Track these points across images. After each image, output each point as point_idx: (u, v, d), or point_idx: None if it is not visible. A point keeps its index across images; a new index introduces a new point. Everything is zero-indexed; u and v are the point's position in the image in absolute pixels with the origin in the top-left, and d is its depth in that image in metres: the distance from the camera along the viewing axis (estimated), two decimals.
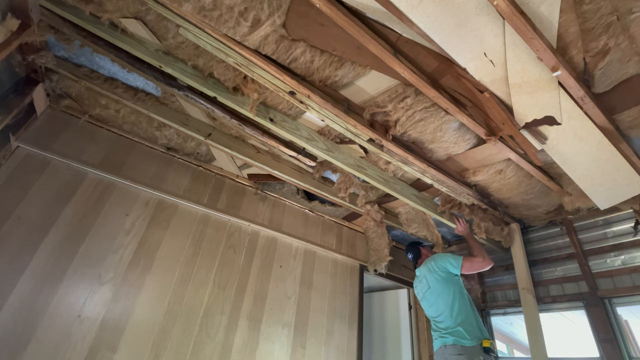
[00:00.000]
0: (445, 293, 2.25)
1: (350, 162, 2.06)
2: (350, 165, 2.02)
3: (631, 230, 2.42)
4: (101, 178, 2.19)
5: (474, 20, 1.32)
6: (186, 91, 1.92)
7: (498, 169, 2.34)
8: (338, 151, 2.05)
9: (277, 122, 1.89)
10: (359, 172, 2.02)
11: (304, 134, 1.94)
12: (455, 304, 2.19)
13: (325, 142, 1.97)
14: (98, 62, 1.93)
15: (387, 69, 1.66)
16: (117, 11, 1.58)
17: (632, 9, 1.28)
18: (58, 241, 1.92)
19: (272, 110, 1.91)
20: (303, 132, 1.94)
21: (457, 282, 2.31)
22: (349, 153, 2.04)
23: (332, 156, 1.98)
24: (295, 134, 1.90)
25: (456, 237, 3.61)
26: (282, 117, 1.94)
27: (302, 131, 1.94)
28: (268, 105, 1.93)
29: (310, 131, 1.98)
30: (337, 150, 2.05)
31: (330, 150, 1.99)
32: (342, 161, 2.03)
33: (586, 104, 1.59)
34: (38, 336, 1.71)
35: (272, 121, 1.86)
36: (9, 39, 1.47)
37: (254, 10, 1.46)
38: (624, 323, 2.33)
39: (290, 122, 1.95)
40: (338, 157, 2.00)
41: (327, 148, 1.95)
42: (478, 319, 2.19)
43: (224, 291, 2.36)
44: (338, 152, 2.05)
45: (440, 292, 2.27)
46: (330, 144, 2.02)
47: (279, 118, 1.92)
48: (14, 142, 1.97)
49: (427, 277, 2.39)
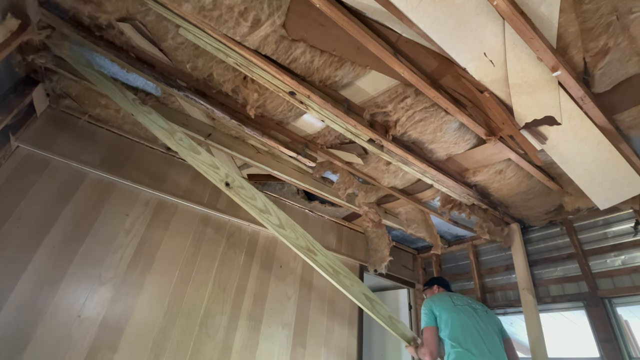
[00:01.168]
0: (497, 337, 2.10)
1: (301, 243, 1.74)
2: (300, 247, 1.71)
3: (631, 230, 2.42)
4: (101, 178, 2.19)
5: (474, 20, 1.32)
6: (186, 92, 1.92)
7: (498, 169, 2.34)
8: (292, 229, 1.75)
9: (233, 187, 1.70)
10: (307, 256, 1.70)
11: (259, 204, 1.70)
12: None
13: (279, 217, 1.71)
14: (98, 62, 1.93)
15: (387, 69, 1.66)
16: (116, 12, 1.58)
17: (632, 8, 1.28)
18: (58, 241, 1.92)
19: (230, 175, 1.72)
20: (259, 202, 1.71)
21: None
22: (303, 233, 1.76)
23: (282, 233, 1.70)
24: (249, 203, 1.68)
25: (456, 237, 3.61)
26: (239, 183, 1.72)
27: (257, 201, 1.71)
28: (225, 176, 1.72)
29: (267, 202, 1.73)
30: (291, 228, 1.76)
31: (282, 227, 1.71)
32: (291, 241, 1.73)
33: (586, 104, 1.59)
34: (38, 336, 1.71)
35: (227, 186, 1.69)
36: (9, 39, 1.47)
37: (253, 10, 1.46)
38: (624, 323, 2.33)
39: (247, 189, 1.72)
40: (288, 236, 1.71)
41: (280, 224, 1.70)
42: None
43: (224, 291, 2.36)
44: (291, 230, 1.75)
45: (494, 332, 2.12)
46: (286, 220, 1.74)
47: (236, 184, 1.71)
48: (14, 142, 1.97)
49: (479, 307, 2.24)
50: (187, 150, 1.70)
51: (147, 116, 1.72)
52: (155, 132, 1.71)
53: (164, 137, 1.70)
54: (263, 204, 1.71)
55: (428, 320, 2.17)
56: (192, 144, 1.73)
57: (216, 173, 1.70)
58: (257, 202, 1.70)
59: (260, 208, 1.70)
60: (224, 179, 1.69)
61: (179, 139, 1.71)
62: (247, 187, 1.71)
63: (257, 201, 1.70)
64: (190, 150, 1.71)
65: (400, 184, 2.68)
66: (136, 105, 1.74)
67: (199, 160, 1.69)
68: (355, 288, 1.87)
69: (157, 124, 1.73)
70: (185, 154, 1.69)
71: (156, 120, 1.73)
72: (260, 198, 1.70)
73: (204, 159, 1.71)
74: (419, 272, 3.86)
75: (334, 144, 2.36)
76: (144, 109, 1.73)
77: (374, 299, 1.90)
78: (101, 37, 1.72)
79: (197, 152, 1.71)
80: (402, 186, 2.72)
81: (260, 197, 1.71)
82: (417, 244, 3.93)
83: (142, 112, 1.72)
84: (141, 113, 1.72)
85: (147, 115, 1.72)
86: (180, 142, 1.71)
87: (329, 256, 1.80)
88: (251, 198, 1.70)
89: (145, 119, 1.71)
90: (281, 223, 1.72)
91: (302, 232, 1.72)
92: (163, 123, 1.74)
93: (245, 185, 1.71)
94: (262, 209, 1.70)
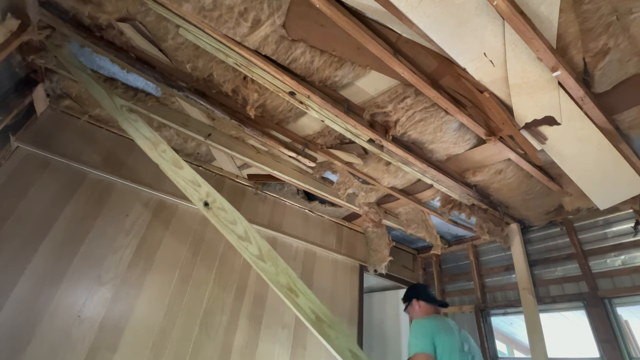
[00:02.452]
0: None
1: (282, 281, 1.49)
2: (279, 285, 1.47)
3: (631, 230, 2.42)
4: (101, 178, 2.19)
5: (474, 21, 1.32)
6: (186, 92, 1.92)
7: (498, 169, 2.34)
8: (273, 262, 1.53)
9: (212, 208, 1.56)
10: (287, 296, 1.46)
11: (239, 229, 1.52)
12: None
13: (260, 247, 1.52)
14: (98, 62, 1.93)
15: (387, 69, 1.66)
16: (116, 12, 1.58)
17: (631, 9, 1.28)
18: (58, 241, 1.92)
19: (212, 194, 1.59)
20: (239, 227, 1.52)
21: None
22: (285, 269, 1.53)
23: (261, 266, 1.49)
24: (228, 228, 1.51)
25: (455, 237, 3.61)
26: (220, 205, 1.56)
27: (238, 226, 1.52)
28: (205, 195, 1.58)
29: (249, 229, 1.54)
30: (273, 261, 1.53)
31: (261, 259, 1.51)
32: (270, 276, 1.49)
33: (586, 104, 1.59)
34: (38, 336, 1.71)
35: (206, 205, 1.55)
36: (9, 39, 1.47)
37: (253, 10, 1.46)
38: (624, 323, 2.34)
39: (229, 212, 1.55)
40: (267, 270, 1.49)
41: (260, 255, 1.50)
42: None
43: (224, 291, 2.36)
44: (272, 263, 1.53)
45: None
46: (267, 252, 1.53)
47: (217, 204, 1.56)
48: (14, 142, 1.97)
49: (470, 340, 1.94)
50: (168, 163, 1.60)
51: (132, 124, 1.66)
52: (138, 142, 1.64)
53: (146, 147, 1.62)
54: (244, 231, 1.53)
55: (424, 345, 1.73)
56: (175, 158, 1.62)
57: (196, 191, 1.57)
58: (237, 228, 1.53)
59: (240, 235, 1.52)
60: (204, 198, 1.56)
61: (162, 150, 1.62)
62: (228, 210, 1.56)
63: (238, 226, 1.53)
64: (172, 164, 1.60)
65: (400, 184, 2.68)
66: (122, 112, 1.68)
67: (180, 175, 1.59)
68: (340, 342, 1.55)
69: (141, 133, 1.65)
70: (165, 167, 1.59)
71: (141, 128, 1.66)
72: (242, 223, 1.55)
73: (185, 175, 1.60)
74: (419, 272, 3.86)
75: (334, 144, 2.36)
76: (130, 117, 1.68)
77: (362, 357, 1.56)
78: (101, 37, 1.72)
79: (180, 167, 1.61)
80: (402, 186, 2.72)
81: (242, 223, 1.55)
82: (417, 244, 3.93)
83: (128, 120, 1.66)
84: (126, 120, 1.66)
85: (132, 123, 1.66)
86: (163, 154, 1.62)
87: (313, 300, 1.51)
88: (231, 222, 1.54)
89: (129, 126, 1.65)
90: (261, 254, 1.51)
91: (285, 267, 1.51)
92: (148, 132, 1.66)
93: (227, 207, 1.56)
94: (241, 235, 1.52)
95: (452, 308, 3.27)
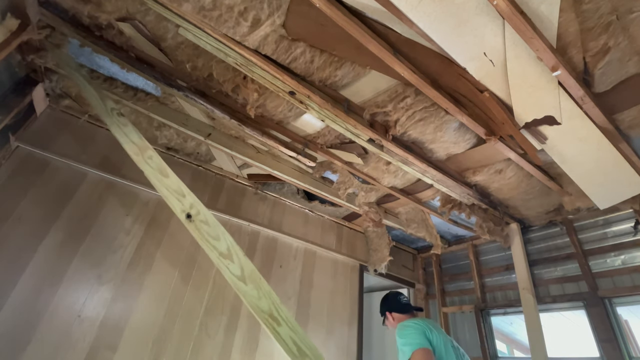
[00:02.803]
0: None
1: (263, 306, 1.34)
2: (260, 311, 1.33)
3: (631, 230, 2.42)
4: (101, 178, 2.19)
5: (474, 20, 1.32)
6: (186, 91, 1.92)
7: (498, 169, 2.34)
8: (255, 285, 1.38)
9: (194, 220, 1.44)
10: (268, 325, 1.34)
11: (222, 246, 1.39)
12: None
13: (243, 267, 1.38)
14: (98, 62, 1.93)
15: (387, 69, 1.66)
16: (116, 12, 1.58)
17: (631, 8, 1.28)
18: (58, 241, 1.92)
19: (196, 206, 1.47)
20: (222, 243, 1.40)
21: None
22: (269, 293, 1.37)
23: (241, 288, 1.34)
24: (210, 243, 1.38)
25: (455, 237, 3.61)
26: (204, 218, 1.45)
27: (221, 242, 1.40)
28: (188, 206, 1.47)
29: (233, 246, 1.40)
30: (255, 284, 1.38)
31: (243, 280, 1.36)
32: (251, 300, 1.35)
33: (586, 104, 1.59)
34: (38, 336, 1.71)
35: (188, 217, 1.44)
36: (9, 39, 1.47)
37: (253, 10, 1.46)
38: (624, 323, 2.33)
39: (212, 227, 1.43)
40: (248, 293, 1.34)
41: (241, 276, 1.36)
42: None
43: (224, 291, 2.36)
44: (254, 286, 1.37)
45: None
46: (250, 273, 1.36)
47: (200, 217, 1.45)
48: (13, 142, 1.97)
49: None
50: (154, 170, 1.52)
51: (120, 128, 1.62)
52: (125, 146, 1.58)
53: (132, 153, 1.56)
54: (227, 247, 1.41)
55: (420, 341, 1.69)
56: (161, 165, 1.54)
57: (179, 201, 1.48)
58: (219, 244, 1.41)
59: (222, 251, 1.40)
60: (187, 210, 1.45)
61: (148, 156, 1.55)
62: (212, 224, 1.44)
63: (221, 242, 1.41)
64: (157, 172, 1.52)
65: (400, 183, 2.68)
66: (113, 115, 1.65)
67: (164, 183, 1.50)
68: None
69: (128, 137, 1.60)
70: (150, 174, 1.51)
71: (130, 133, 1.61)
72: (225, 240, 1.43)
73: (170, 184, 1.52)
74: (419, 272, 3.86)
75: (334, 144, 2.36)
76: (120, 121, 1.64)
77: None
78: (101, 36, 1.72)
79: (165, 175, 1.53)
80: (402, 186, 2.72)
81: (226, 239, 1.43)
82: (417, 244, 3.93)
83: (117, 124, 1.63)
84: (115, 124, 1.62)
85: (121, 127, 1.62)
86: (149, 160, 1.55)
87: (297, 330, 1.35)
88: (214, 238, 1.42)
89: (118, 130, 1.61)
90: (243, 275, 1.37)
91: (268, 291, 1.37)
92: (136, 138, 1.60)
93: (211, 221, 1.45)
94: (223, 252, 1.40)
95: (452, 308, 3.28)
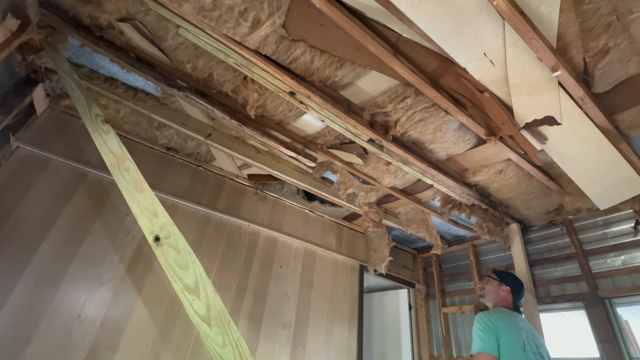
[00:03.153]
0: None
1: (227, 357, 1.12)
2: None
3: (631, 230, 2.42)
4: (101, 178, 2.19)
5: (474, 21, 1.32)
6: (186, 92, 1.92)
7: (498, 169, 2.34)
8: (221, 329, 1.19)
9: (162, 244, 1.28)
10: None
11: (189, 278, 1.22)
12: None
13: (210, 305, 1.20)
14: (98, 62, 1.93)
15: (387, 69, 1.66)
16: (116, 12, 1.58)
17: (632, 8, 1.28)
18: (58, 241, 1.92)
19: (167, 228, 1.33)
20: (189, 275, 1.22)
21: None
22: (237, 342, 1.15)
23: (204, 331, 1.18)
24: (175, 272, 1.22)
25: (455, 237, 3.60)
26: (174, 242, 1.29)
27: (188, 273, 1.23)
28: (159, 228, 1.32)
29: (202, 279, 1.23)
30: (221, 327, 1.19)
31: (207, 321, 1.19)
32: (213, 347, 1.14)
33: (586, 104, 1.59)
34: (38, 336, 1.71)
35: (156, 240, 1.29)
36: (9, 39, 1.47)
37: (253, 10, 1.46)
38: (624, 323, 2.33)
39: (182, 253, 1.27)
40: (211, 338, 1.16)
41: (206, 315, 1.18)
42: None
43: (224, 291, 2.36)
44: (219, 330, 1.19)
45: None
46: (217, 314, 1.20)
47: (169, 241, 1.29)
48: (14, 142, 1.97)
49: (537, 339, 1.89)
50: (128, 184, 1.41)
51: (101, 135, 1.54)
52: (104, 156, 1.48)
53: (109, 163, 1.46)
54: (194, 280, 1.23)
55: (488, 345, 1.62)
56: (137, 180, 1.42)
57: (149, 220, 1.33)
58: (186, 275, 1.23)
59: (188, 284, 1.22)
60: (156, 231, 1.30)
61: (125, 168, 1.46)
62: (182, 251, 1.28)
63: (188, 273, 1.23)
64: (132, 186, 1.41)
65: (401, 184, 2.68)
66: (96, 122, 1.57)
67: (136, 199, 1.37)
68: None
69: (108, 146, 1.50)
70: (123, 188, 1.40)
71: (109, 142, 1.52)
72: (195, 271, 1.25)
73: (143, 200, 1.39)
74: (419, 272, 3.86)
75: (334, 144, 2.36)
76: (102, 128, 1.55)
77: None
78: (101, 37, 1.72)
79: (140, 190, 1.42)
80: (402, 186, 2.72)
81: (195, 270, 1.25)
82: (417, 244, 3.93)
83: (98, 131, 1.54)
84: (97, 131, 1.54)
85: (101, 135, 1.54)
86: (125, 172, 1.44)
87: None
88: (181, 267, 1.24)
89: (98, 137, 1.52)
90: (208, 315, 1.19)
91: (237, 339, 1.15)
92: (116, 147, 1.51)
93: (182, 247, 1.28)
94: (189, 285, 1.22)
95: (452, 308, 3.27)
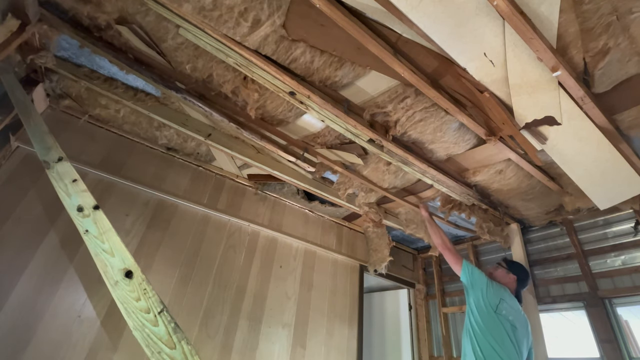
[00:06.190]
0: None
1: None
2: None
3: (631, 230, 2.42)
4: (101, 178, 2.19)
5: (474, 21, 1.32)
6: (184, 94, 1.92)
7: (498, 169, 2.34)
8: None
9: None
10: None
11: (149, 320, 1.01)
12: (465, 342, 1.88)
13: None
14: (98, 62, 1.93)
15: (387, 69, 1.66)
16: (116, 12, 1.58)
17: (632, 8, 1.28)
18: (58, 241, 1.92)
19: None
20: (149, 314, 1.02)
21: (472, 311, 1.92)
22: None
23: None
24: (133, 315, 1.04)
25: (456, 237, 3.60)
26: (147, 288, 1.12)
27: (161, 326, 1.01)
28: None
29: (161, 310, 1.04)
30: None
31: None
32: None
33: (586, 104, 1.59)
34: (38, 336, 1.71)
35: (128, 276, 1.13)
36: (9, 39, 1.47)
37: (253, 10, 1.46)
38: (624, 323, 2.33)
39: (150, 294, 1.11)
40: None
41: None
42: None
43: (224, 291, 2.36)
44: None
45: None
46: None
47: (148, 288, 1.12)
48: (14, 142, 1.97)
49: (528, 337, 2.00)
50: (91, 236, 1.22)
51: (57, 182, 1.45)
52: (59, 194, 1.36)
53: (62, 198, 1.32)
54: (167, 324, 1.00)
55: (472, 266, 2.10)
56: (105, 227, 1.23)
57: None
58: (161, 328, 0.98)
59: (166, 322, 1.01)
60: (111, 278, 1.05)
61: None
62: (150, 291, 1.08)
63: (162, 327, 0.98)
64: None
65: (400, 184, 2.68)
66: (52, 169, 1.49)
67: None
68: None
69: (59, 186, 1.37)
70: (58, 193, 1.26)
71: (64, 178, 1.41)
72: (152, 305, 1.02)
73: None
74: (419, 272, 3.86)
75: (334, 144, 2.36)
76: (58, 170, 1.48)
77: None
78: (100, 37, 1.72)
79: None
80: (402, 186, 2.72)
81: (152, 304, 1.03)
82: (417, 244, 3.93)
83: (54, 178, 1.48)
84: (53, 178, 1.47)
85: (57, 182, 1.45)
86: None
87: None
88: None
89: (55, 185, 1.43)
90: None
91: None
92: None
93: (148, 289, 1.06)
94: (168, 324, 1.03)
95: (452, 308, 3.27)
